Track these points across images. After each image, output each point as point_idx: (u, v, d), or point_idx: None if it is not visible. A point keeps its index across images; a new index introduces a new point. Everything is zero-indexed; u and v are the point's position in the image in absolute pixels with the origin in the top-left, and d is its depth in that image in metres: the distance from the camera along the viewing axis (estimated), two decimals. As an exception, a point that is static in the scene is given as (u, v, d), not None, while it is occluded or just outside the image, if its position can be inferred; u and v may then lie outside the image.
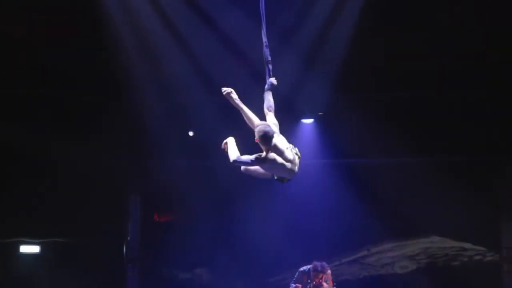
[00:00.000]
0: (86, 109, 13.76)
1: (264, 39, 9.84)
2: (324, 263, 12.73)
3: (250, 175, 8.55)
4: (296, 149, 8.79)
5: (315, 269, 12.70)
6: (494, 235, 14.88)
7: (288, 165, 8.46)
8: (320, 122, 14.90)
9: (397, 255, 15.58)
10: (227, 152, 8.17)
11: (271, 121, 9.00)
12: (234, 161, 8.05)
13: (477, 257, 15.18)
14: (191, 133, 14.93)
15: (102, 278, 14.64)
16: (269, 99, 9.44)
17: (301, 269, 12.90)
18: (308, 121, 15.00)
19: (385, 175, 14.91)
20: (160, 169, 14.82)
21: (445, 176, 14.30)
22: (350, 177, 14.81)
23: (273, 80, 9.53)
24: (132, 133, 14.49)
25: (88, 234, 14.63)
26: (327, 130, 14.77)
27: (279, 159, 8.31)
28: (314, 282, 12.74)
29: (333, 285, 12.78)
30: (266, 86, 9.43)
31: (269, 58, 9.70)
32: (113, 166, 14.62)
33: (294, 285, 12.83)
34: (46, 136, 13.61)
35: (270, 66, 9.59)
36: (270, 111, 9.28)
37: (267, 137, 8.17)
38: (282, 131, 13.75)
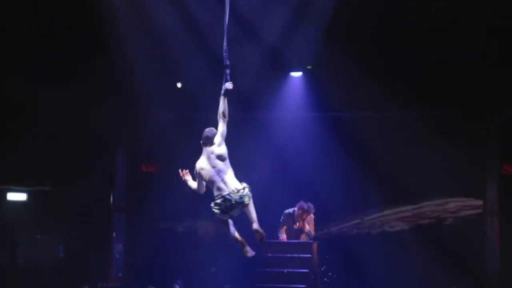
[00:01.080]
0: (75, 60, 13.71)
1: (225, 44, 9.84)
2: (310, 204, 12.84)
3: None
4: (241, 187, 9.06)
5: (301, 208, 12.81)
6: (479, 189, 14.99)
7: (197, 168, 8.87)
8: (309, 76, 14.90)
9: (384, 214, 15.72)
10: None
11: (220, 130, 9.24)
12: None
13: (463, 212, 15.31)
14: (179, 85, 14.91)
15: (89, 227, 14.74)
16: (223, 104, 9.48)
17: (286, 211, 13.02)
18: (297, 74, 15.01)
19: (373, 128, 14.96)
20: (148, 120, 14.84)
21: (432, 130, 14.37)
22: (338, 131, 14.85)
23: (228, 85, 9.55)
24: (119, 84, 14.46)
25: (75, 183, 14.68)
26: (316, 84, 14.79)
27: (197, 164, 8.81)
28: (297, 224, 12.87)
29: (314, 230, 12.91)
30: (222, 91, 9.47)
31: (228, 63, 9.73)
32: (101, 117, 14.61)
33: (281, 236, 12.98)
34: (34, 86, 13.57)
35: (228, 71, 9.62)
36: (222, 118, 9.38)
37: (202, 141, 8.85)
38: (270, 85, 13.83)
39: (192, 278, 10.70)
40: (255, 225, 9.00)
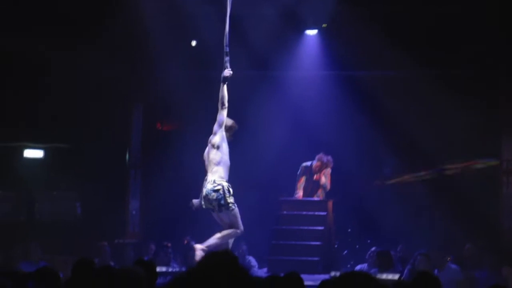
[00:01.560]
0: (88, 15, 13.66)
1: (227, 29, 9.86)
2: (329, 157, 12.90)
3: None
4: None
5: (320, 159, 12.87)
6: (495, 148, 14.95)
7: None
8: (324, 34, 14.81)
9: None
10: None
11: (217, 118, 9.50)
12: None
13: (479, 171, 15.29)
14: (194, 43, 14.87)
15: (104, 183, 14.82)
16: (222, 92, 9.59)
17: (304, 164, 13.08)
18: (312, 32, 14.91)
19: (388, 88, 14.90)
20: (163, 78, 14.83)
21: (447, 90, 14.27)
22: (353, 89, 14.81)
23: (227, 72, 9.60)
24: (135, 41, 14.43)
25: (91, 141, 14.74)
26: (331, 42, 14.71)
27: None
28: (315, 176, 12.93)
29: (330, 184, 12.96)
30: (221, 78, 9.55)
31: (228, 49, 9.75)
32: (116, 75, 14.61)
33: (298, 193, 13.04)
34: (49, 43, 13.56)
35: (227, 58, 9.66)
36: (221, 105, 9.53)
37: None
38: (285, 44, 13.78)
39: (208, 236, 10.73)
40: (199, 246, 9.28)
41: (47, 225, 14.86)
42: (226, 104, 9.77)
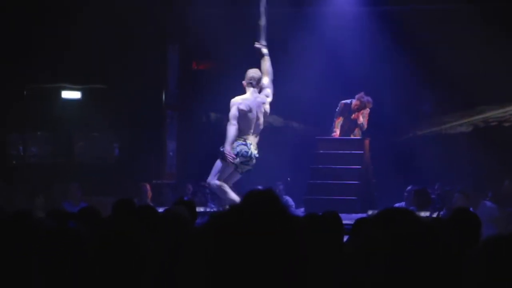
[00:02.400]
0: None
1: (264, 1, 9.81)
2: (369, 98, 12.82)
3: None
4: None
5: (360, 99, 12.78)
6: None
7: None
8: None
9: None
10: None
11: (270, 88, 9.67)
12: None
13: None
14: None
15: (141, 124, 14.90)
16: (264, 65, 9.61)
17: (343, 101, 13.01)
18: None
19: (426, 22, 14.69)
20: (198, 16, 14.74)
21: (488, 24, 14.03)
22: (390, 25, 14.62)
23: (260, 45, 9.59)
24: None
25: (128, 81, 14.77)
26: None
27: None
28: (353, 115, 12.87)
29: (367, 124, 12.90)
30: (265, 51, 9.54)
31: (264, 22, 9.72)
32: (151, 14, 14.57)
33: (335, 131, 12.99)
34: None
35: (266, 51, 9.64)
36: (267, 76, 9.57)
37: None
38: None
39: (244, 175, 10.79)
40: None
41: (86, 166, 15.00)
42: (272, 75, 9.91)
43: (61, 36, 14.19)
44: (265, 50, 10.21)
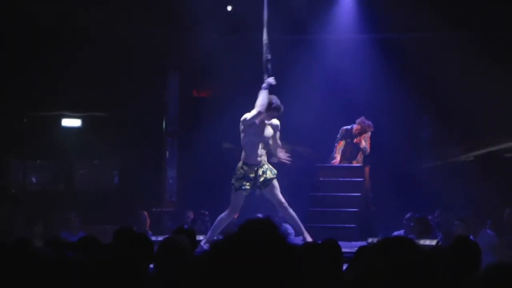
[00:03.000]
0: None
1: (265, 36, 9.92)
2: (370, 122, 12.85)
3: None
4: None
5: (360, 123, 12.82)
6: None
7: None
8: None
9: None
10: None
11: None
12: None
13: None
14: (229, 7, 14.82)
15: (141, 152, 14.89)
16: (262, 97, 9.73)
17: (344, 127, 13.04)
18: (349, -5, 14.82)
19: (426, 50, 14.75)
20: (199, 44, 14.80)
21: (487, 53, 14.09)
22: (391, 53, 14.69)
23: (271, 79, 9.69)
24: (171, 7, 14.43)
25: (128, 109, 14.81)
26: (368, 4, 14.60)
27: None
28: (355, 139, 12.89)
29: (370, 148, 12.91)
30: (264, 85, 9.63)
31: (269, 57, 9.81)
32: (152, 41, 14.64)
33: (335, 157, 12.99)
34: (86, 8, 13.61)
35: (269, 65, 9.73)
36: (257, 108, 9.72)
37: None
38: (322, 8, 13.70)
39: (244, 203, 10.80)
40: None
41: (85, 194, 15.00)
42: (262, 110, 10.00)
43: (61, 63, 14.24)
44: (264, 85, 10.29)
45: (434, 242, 10.20)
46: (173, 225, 11.84)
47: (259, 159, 10.30)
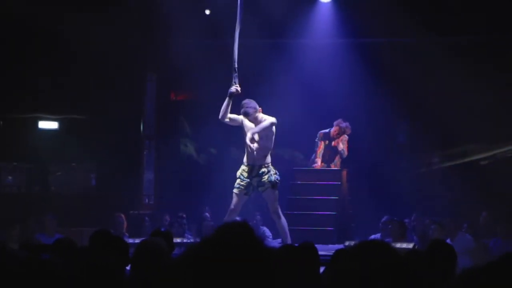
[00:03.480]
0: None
1: (236, 45, 10.02)
2: (347, 124, 12.86)
3: None
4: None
5: (338, 125, 12.83)
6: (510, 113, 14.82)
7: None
8: (338, 1, 14.74)
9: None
10: None
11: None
12: None
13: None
14: (207, 11, 14.82)
15: (119, 155, 14.84)
16: (224, 105, 9.85)
17: (322, 131, 13.05)
18: (326, 0, 14.85)
19: (402, 55, 14.82)
20: (177, 48, 14.79)
21: (462, 57, 14.20)
22: (367, 57, 14.75)
23: (233, 88, 9.78)
24: (149, 11, 14.40)
25: (105, 111, 14.76)
26: (345, 9, 14.64)
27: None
28: (333, 142, 12.91)
29: (347, 150, 12.94)
30: (228, 93, 9.74)
31: (236, 65, 9.92)
32: (130, 44, 14.60)
33: (316, 161, 13.00)
34: (62, 13, 13.54)
35: (235, 74, 9.83)
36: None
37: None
38: (299, 12, 13.72)
39: (221, 206, 10.79)
40: None
41: (62, 197, 14.91)
42: (225, 119, 10.08)
43: (39, 66, 14.17)
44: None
45: (410, 246, 10.24)
46: (151, 228, 11.80)
47: (257, 160, 10.32)
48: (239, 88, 10.23)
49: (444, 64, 14.35)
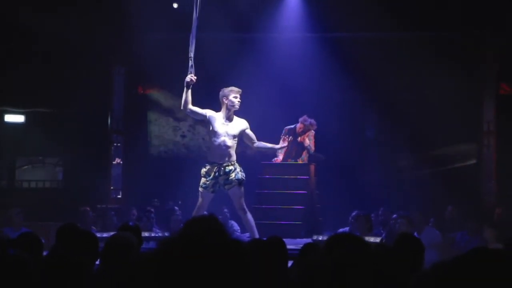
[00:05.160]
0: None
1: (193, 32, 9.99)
2: (312, 120, 12.88)
3: None
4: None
5: (303, 122, 12.86)
6: (475, 109, 14.96)
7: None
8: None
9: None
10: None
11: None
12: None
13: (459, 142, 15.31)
14: (175, 5, 14.76)
15: (86, 149, 14.77)
16: (184, 96, 9.83)
17: (287, 127, 13.06)
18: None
19: (370, 50, 14.89)
20: (144, 41, 14.73)
21: (430, 53, 14.30)
22: (336, 52, 14.79)
23: (188, 77, 9.77)
24: (116, 4, 14.32)
25: (72, 105, 14.67)
26: (313, 3, 14.67)
27: None
28: (299, 138, 12.93)
29: (314, 146, 12.97)
30: (185, 83, 9.72)
31: (192, 55, 9.87)
32: (97, 38, 14.52)
33: (278, 155, 13.03)
34: (29, 7, 13.45)
35: (191, 63, 9.79)
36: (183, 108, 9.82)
37: None
38: (267, 6, 13.70)
39: (189, 200, 10.77)
40: None
41: (29, 191, 14.82)
42: (188, 109, 10.02)
43: (4, 58, 14.05)
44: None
45: (377, 240, 10.29)
46: (118, 222, 11.76)
47: (222, 158, 10.24)
48: (193, 78, 10.16)
49: (414, 59, 14.45)
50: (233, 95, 10.25)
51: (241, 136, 10.34)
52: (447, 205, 13.06)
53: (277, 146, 10.60)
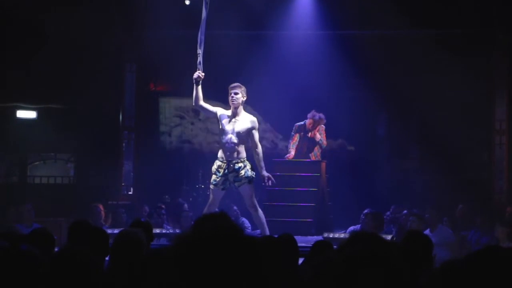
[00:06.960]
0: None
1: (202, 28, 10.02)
2: (321, 114, 12.89)
3: None
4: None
5: (312, 117, 12.87)
6: (489, 108, 14.89)
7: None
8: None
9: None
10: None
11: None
12: None
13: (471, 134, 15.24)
14: (187, 2, 14.77)
15: (98, 144, 14.79)
16: (194, 93, 9.84)
17: (297, 123, 13.07)
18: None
19: (382, 47, 14.86)
20: (157, 38, 14.74)
21: (442, 49, 14.26)
22: (347, 50, 14.76)
23: (195, 74, 9.79)
24: (129, 1, 14.36)
25: (84, 101, 14.70)
26: (325, 1, 14.67)
27: None
28: (309, 134, 12.94)
29: (326, 140, 12.97)
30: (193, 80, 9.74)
31: (201, 51, 9.89)
32: (109, 34, 14.54)
33: (290, 151, 13.02)
34: (42, 4, 13.49)
35: (200, 59, 9.82)
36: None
37: None
38: (279, 4, 13.70)
39: (199, 197, 10.79)
40: None
41: (40, 187, 14.85)
42: (199, 105, 10.06)
43: (17, 55, 14.09)
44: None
45: (388, 238, 10.28)
46: (129, 219, 11.78)
47: (231, 155, 10.24)
48: (201, 74, 10.18)
49: (426, 57, 14.42)
50: (229, 92, 10.30)
51: (249, 134, 10.31)
52: (458, 204, 13.03)
53: (263, 173, 10.44)
